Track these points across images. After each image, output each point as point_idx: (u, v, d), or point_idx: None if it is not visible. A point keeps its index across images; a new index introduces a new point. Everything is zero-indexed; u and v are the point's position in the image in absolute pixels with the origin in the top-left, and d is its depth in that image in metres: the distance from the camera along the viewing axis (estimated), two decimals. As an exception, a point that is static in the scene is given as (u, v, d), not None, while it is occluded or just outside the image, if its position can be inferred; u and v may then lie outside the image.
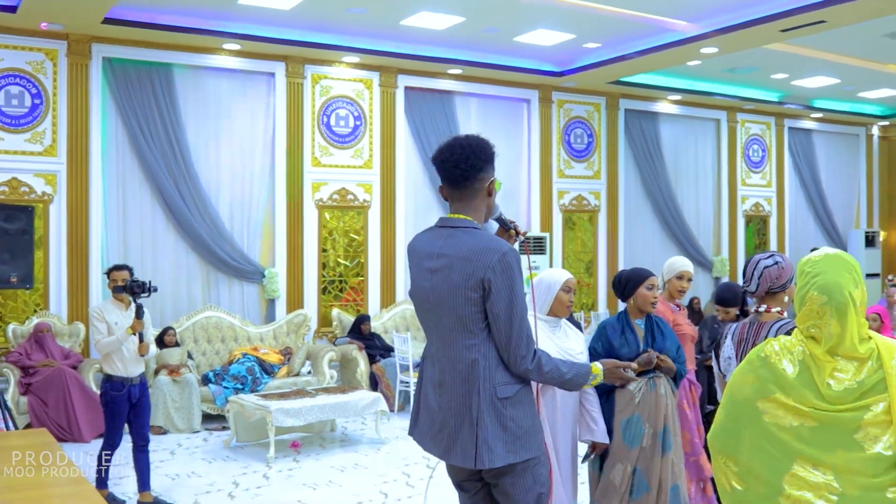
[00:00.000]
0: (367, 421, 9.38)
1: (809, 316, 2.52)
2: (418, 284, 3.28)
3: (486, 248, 3.06)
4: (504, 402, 3.09)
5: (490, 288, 3.03)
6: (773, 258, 3.67)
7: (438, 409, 3.20)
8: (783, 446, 2.40)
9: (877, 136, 17.63)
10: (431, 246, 3.22)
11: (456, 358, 3.13)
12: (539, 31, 10.96)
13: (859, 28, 10.72)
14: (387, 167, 11.69)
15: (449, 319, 3.14)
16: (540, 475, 3.18)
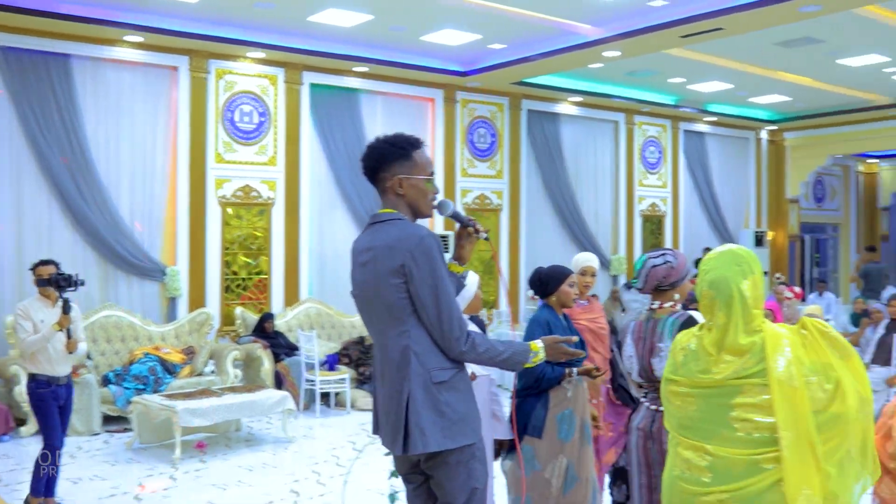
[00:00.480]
0: (272, 420, 9.30)
1: (704, 310, 2.79)
2: (354, 280, 3.33)
3: (408, 234, 3.11)
4: (439, 387, 3.11)
5: (412, 273, 3.07)
6: (663, 257, 3.78)
7: (381, 400, 3.23)
8: (678, 423, 2.85)
9: (765, 139, 18.33)
10: (363, 242, 3.27)
11: (389, 347, 3.17)
12: (446, 31, 11.05)
13: (753, 36, 11.14)
14: (291, 164, 11.60)
15: (379, 309, 3.18)
16: (474, 470, 3.20)
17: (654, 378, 3.69)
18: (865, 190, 20.97)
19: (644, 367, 3.73)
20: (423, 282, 3.07)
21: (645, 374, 3.74)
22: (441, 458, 3.15)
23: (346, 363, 10.57)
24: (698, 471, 2.74)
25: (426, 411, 3.09)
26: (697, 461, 2.75)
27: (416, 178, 3.22)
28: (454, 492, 3.18)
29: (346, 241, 12.20)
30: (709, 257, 2.89)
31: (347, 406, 10.01)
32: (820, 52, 12.29)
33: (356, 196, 12.12)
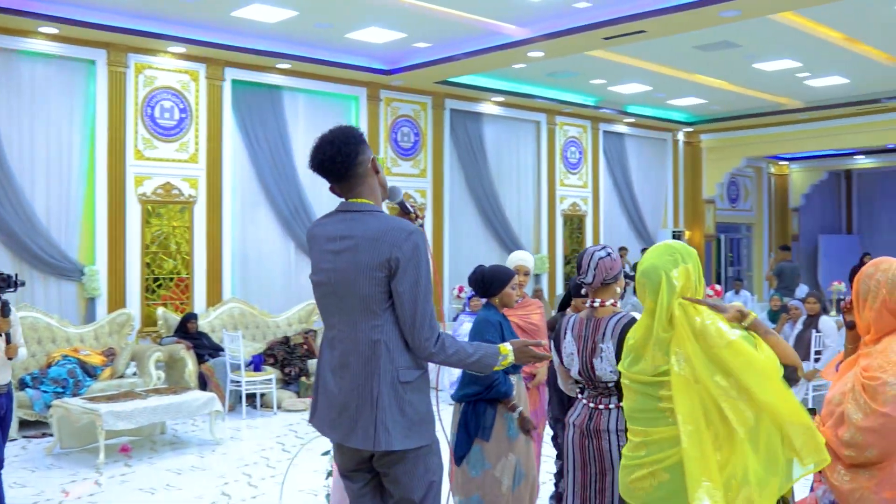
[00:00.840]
0: (197, 422, 9.11)
1: (639, 299, 3.05)
2: (319, 267, 3.25)
3: (394, 227, 3.09)
4: (404, 387, 3.09)
5: (397, 267, 3.04)
6: (605, 250, 3.78)
7: (339, 393, 3.15)
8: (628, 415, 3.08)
9: (682, 141, 18.73)
10: (333, 229, 3.20)
11: (359, 340, 3.11)
12: (371, 29, 10.98)
13: (673, 39, 11.35)
14: (213, 162, 11.37)
15: (352, 300, 3.12)
16: (432, 463, 3.19)
17: (593, 377, 3.66)
18: (777, 191, 21.60)
19: (585, 366, 3.68)
20: (405, 276, 3.05)
21: (585, 372, 3.70)
22: (398, 454, 3.12)
23: (272, 364, 10.41)
24: (637, 449, 3.01)
25: (392, 410, 3.06)
26: (638, 443, 3.01)
27: (377, 158, 3.30)
28: (412, 486, 3.15)
29: (269, 240, 12.05)
30: (647, 250, 3.12)
31: (274, 407, 9.86)
32: (736, 56, 12.60)
33: (279, 195, 11.96)
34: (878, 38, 11.93)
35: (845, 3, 9.97)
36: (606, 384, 3.64)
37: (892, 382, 2.82)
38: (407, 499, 3.17)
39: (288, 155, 12.08)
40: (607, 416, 3.63)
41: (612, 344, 3.57)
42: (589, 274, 3.69)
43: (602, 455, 3.60)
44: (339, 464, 3.33)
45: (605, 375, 3.61)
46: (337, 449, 3.29)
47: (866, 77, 14.12)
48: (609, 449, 3.58)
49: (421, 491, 3.16)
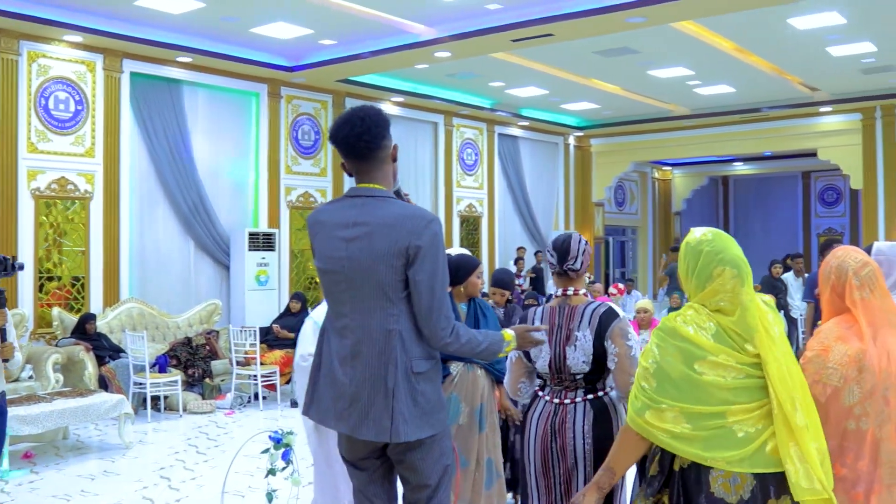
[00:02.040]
0: (100, 426, 8.75)
1: (719, 290, 2.78)
2: (329, 255, 3.13)
3: (412, 214, 3.03)
4: (417, 377, 3.04)
5: (416, 255, 2.98)
6: (582, 238, 3.71)
7: (350, 383, 3.06)
8: (722, 399, 2.75)
9: (573, 145, 19.12)
10: (344, 216, 3.10)
11: (372, 328, 3.03)
12: (278, 24, 10.79)
13: (575, 44, 11.58)
14: (110, 157, 10.93)
15: (367, 288, 3.03)
16: (446, 447, 3.17)
17: (563, 368, 3.54)
18: (661, 195, 22.32)
19: (556, 355, 3.55)
20: (424, 267, 2.99)
21: (555, 363, 3.56)
22: (414, 442, 3.07)
23: (175, 365, 10.08)
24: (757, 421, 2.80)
25: (406, 400, 3.01)
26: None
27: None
28: (428, 472, 3.12)
29: (168, 238, 11.69)
30: (707, 240, 2.88)
31: (180, 409, 9.56)
32: (633, 62, 12.95)
33: (179, 192, 11.61)
34: (767, 49, 12.47)
35: (742, 15, 10.40)
36: (574, 376, 3.53)
37: (814, 360, 2.99)
38: (423, 485, 3.13)
39: (188, 151, 11.74)
40: (574, 411, 3.50)
41: (589, 332, 3.48)
42: (578, 260, 3.62)
43: (566, 454, 3.47)
44: (347, 453, 3.24)
45: (577, 366, 3.50)
46: (346, 439, 3.20)
47: (751, 87, 14.75)
48: (575, 446, 3.45)
49: (437, 476, 3.14)
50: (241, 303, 12.07)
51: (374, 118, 3.09)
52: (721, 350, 2.79)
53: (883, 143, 15.50)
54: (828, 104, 15.70)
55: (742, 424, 2.72)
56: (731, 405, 2.73)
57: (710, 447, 2.71)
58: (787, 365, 2.80)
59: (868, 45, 12.02)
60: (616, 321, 3.51)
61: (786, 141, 17.20)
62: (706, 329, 2.82)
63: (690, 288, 2.91)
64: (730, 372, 2.77)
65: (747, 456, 2.70)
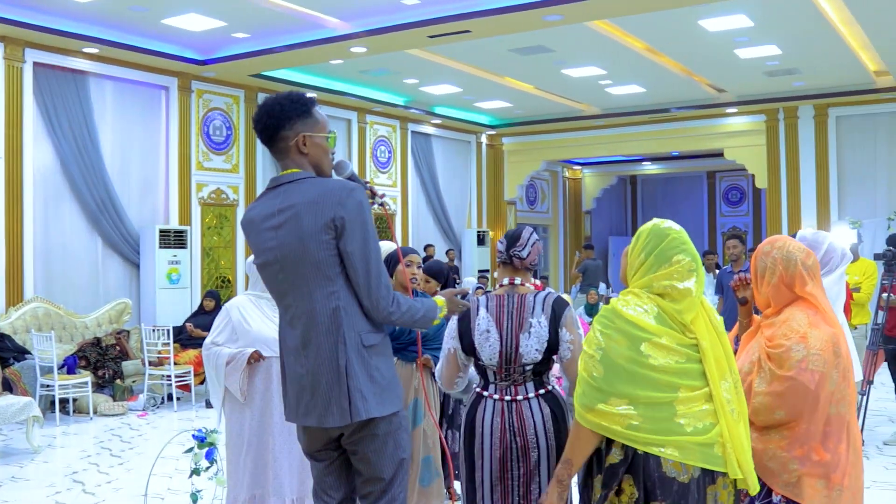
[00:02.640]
0: (4, 430, 8.37)
1: (672, 275, 2.80)
2: (262, 248, 3.05)
3: (334, 187, 2.94)
4: (370, 352, 2.96)
5: (343, 226, 2.89)
6: (536, 234, 3.66)
7: (307, 373, 2.97)
8: (668, 384, 2.75)
9: (485, 143, 19.20)
10: (269, 206, 3.04)
11: (316, 311, 2.94)
12: (190, 15, 10.52)
13: (490, 41, 11.61)
14: (13, 151, 10.48)
15: (304, 270, 2.95)
16: (401, 440, 3.06)
17: (514, 357, 3.40)
18: (571, 194, 22.59)
19: (507, 344, 3.41)
20: (354, 236, 2.90)
21: (506, 352, 3.41)
22: (369, 429, 2.98)
23: (84, 366, 9.73)
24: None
25: (362, 376, 2.93)
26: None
27: (318, 136, 3.06)
28: (381, 464, 3.03)
29: (74, 235, 11.30)
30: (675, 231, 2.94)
31: (90, 412, 9.22)
32: (548, 60, 13.05)
33: (85, 187, 11.21)
34: (678, 50, 12.72)
35: (655, 16, 10.58)
36: (524, 367, 3.40)
37: (795, 348, 3.02)
38: (376, 477, 3.04)
39: (95, 145, 11.35)
40: (530, 407, 3.38)
41: (544, 319, 3.40)
42: (525, 249, 3.53)
43: (528, 453, 3.34)
44: (304, 444, 3.15)
45: (529, 354, 3.38)
46: (302, 431, 3.11)
47: (661, 87, 15.03)
48: (538, 444, 3.34)
49: (391, 469, 3.05)
50: (151, 301, 11.73)
51: (273, 106, 3.04)
52: (664, 332, 2.80)
53: (785, 144, 15.99)
54: (733, 105, 16.12)
55: (690, 419, 2.72)
56: (677, 391, 2.74)
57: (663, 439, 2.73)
58: (723, 349, 2.85)
59: (773, 48, 12.37)
60: (568, 309, 3.47)
61: (693, 141, 17.60)
62: (648, 311, 2.83)
63: (640, 267, 2.92)
64: (673, 355, 2.78)
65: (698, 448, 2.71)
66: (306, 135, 3.04)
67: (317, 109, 3.09)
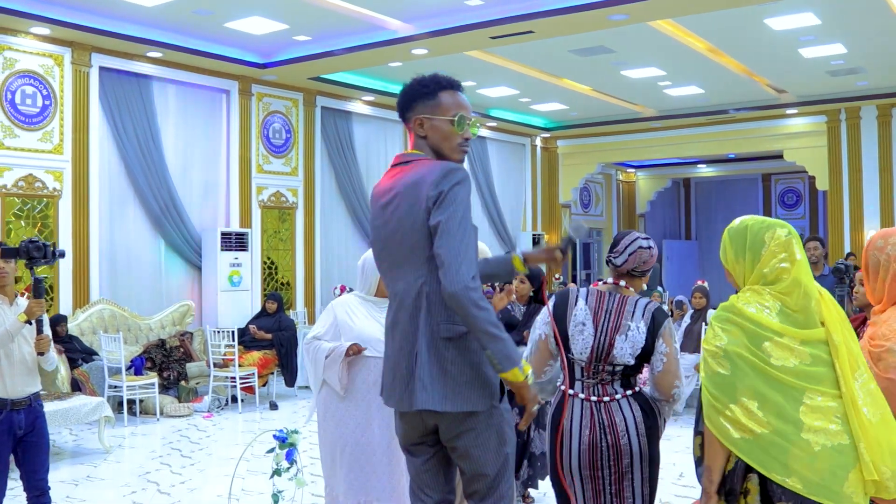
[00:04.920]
0: (75, 430, 8.46)
1: (776, 252, 2.83)
2: (374, 225, 3.09)
3: (434, 168, 2.88)
4: (446, 343, 2.84)
5: (435, 202, 2.79)
6: (649, 241, 3.58)
7: (392, 355, 2.96)
8: (792, 386, 2.66)
9: (540, 146, 19.10)
10: (384, 184, 3.06)
11: (406, 293, 2.91)
12: (254, 18, 10.56)
13: (551, 42, 11.50)
14: (80, 154, 10.60)
15: (401, 251, 2.93)
16: (505, 434, 2.93)
17: (605, 357, 3.36)
18: (625, 197, 22.39)
19: (601, 342, 3.37)
20: (443, 209, 2.78)
21: (598, 350, 3.37)
22: (468, 423, 2.87)
23: (149, 368, 9.81)
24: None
25: (428, 366, 2.84)
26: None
27: (438, 119, 2.99)
28: (485, 460, 2.90)
29: (138, 237, 11.40)
30: (745, 219, 2.94)
31: (156, 413, 9.28)
32: (607, 61, 12.94)
33: (149, 190, 11.30)
34: (741, 50, 12.53)
35: (720, 15, 10.41)
36: (614, 367, 3.37)
37: (894, 349, 2.90)
38: (480, 474, 2.91)
39: (158, 149, 11.45)
40: (620, 408, 3.35)
41: (643, 325, 3.35)
42: (621, 257, 3.49)
43: (621, 453, 3.31)
44: (401, 436, 3.07)
45: (622, 357, 3.34)
46: (398, 421, 3.05)
47: (720, 88, 14.83)
48: (630, 444, 3.30)
49: (495, 465, 2.91)
50: (213, 304, 11.79)
51: (405, 89, 3.08)
52: (787, 330, 2.71)
53: (847, 145, 15.69)
54: (794, 106, 15.85)
55: (819, 436, 2.62)
56: (802, 396, 2.64)
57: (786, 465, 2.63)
58: (852, 347, 2.75)
59: (839, 46, 12.14)
60: (668, 320, 3.43)
61: (751, 143, 17.35)
62: (770, 308, 2.75)
63: (745, 268, 2.86)
64: (795, 356, 2.68)
65: (824, 484, 2.60)
66: (423, 117, 3.00)
67: (448, 93, 3.02)
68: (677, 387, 3.38)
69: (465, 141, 3.03)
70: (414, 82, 3.07)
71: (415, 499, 3.13)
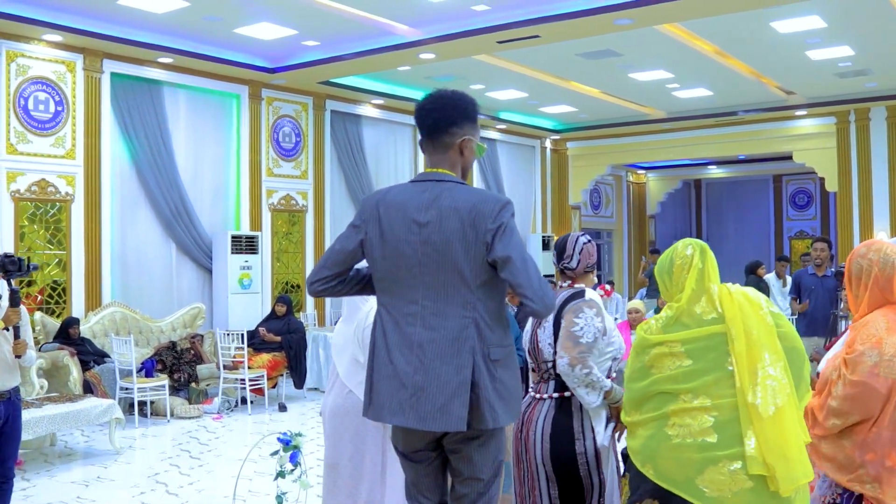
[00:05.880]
0: (87, 432, 8.59)
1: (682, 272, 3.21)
2: (401, 238, 2.99)
3: (487, 198, 2.95)
4: (496, 364, 2.95)
5: (494, 236, 2.87)
6: (586, 236, 3.73)
7: (414, 372, 2.94)
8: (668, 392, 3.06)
9: (549, 148, 19.16)
10: (418, 199, 3.00)
11: (449, 315, 2.93)
12: (262, 24, 10.68)
13: (558, 46, 11.57)
14: (91, 159, 10.75)
15: (444, 274, 2.93)
16: (501, 443, 3.10)
17: (537, 354, 3.58)
18: (635, 199, 22.41)
19: (533, 342, 3.60)
20: (511, 243, 2.88)
21: (533, 349, 3.60)
22: (475, 433, 2.98)
23: (160, 370, 9.93)
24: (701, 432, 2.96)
25: (490, 388, 2.93)
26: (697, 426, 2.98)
27: (475, 143, 3.11)
28: (483, 464, 3.04)
29: (150, 241, 11.54)
30: (673, 247, 3.34)
31: (167, 414, 9.40)
32: (615, 65, 12.99)
33: (160, 194, 11.44)
34: (748, 53, 12.56)
35: (726, 18, 10.46)
36: (547, 363, 3.53)
37: (868, 353, 3.00)
38: (476, 478, 3.05)
39: (169, 153, 11.58)
40: (540, 407, 3.54)
41: (553, 313, 3.48)
42: (574, 259, 3.62)
43: (529, 450, 3.51)
44: (402, 445, 3.14)
45: (546, 350, 3.52)
46: (401, 431, 3.09)
47: (729, 90, 14.85)
48: (535, 442, 3.48)
49: (490, 470, 3.06)
50: (223, 306, 11.92)
51: (452, 100, 3.07)
52: (664, 338, 3.05)
53: (857, 147, 15.67)
54: (803, 108, 15.86)
55: (678, 430, 2.94)
56: (673, 401, 2.98)
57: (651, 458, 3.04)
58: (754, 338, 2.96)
59: (846, 48, 12.16)
60: (575, 301, 3.49)
61: (761, 144, 17.35)
62: (657, 320, 3.12)
63: (669, 291, 3.24)
64: (675, 359, 3.02)
65: (673, 475, 2.94)
66: (469, 138, 3.07)
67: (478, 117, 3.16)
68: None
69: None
70: (463, 98, 3.08)
71: (413, 502, 3.22)
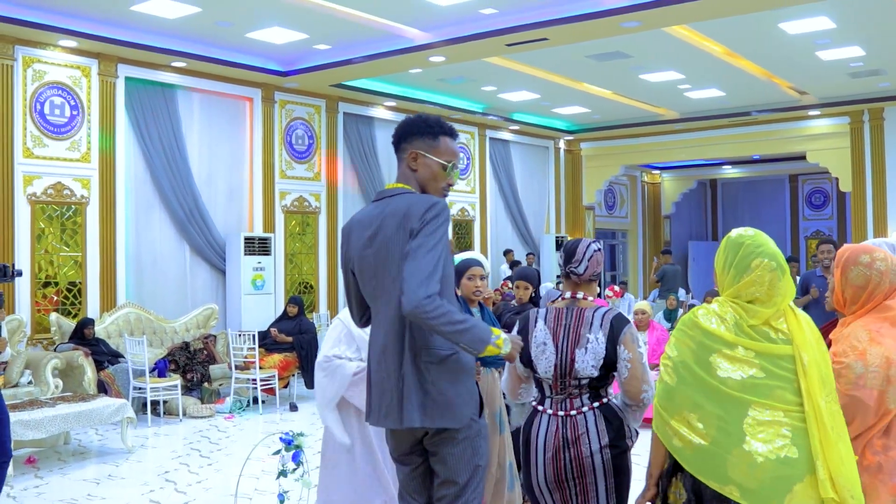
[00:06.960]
0: (100, 431, 8.75)
1: (756, 281, 2.87)
2: (357, 255, 3.25)
3: (420, 200, 3.11)
4: (428, 366, 3.09)
5: (417, 234, 3.03)
6: (597, 244, 3.66)
7: (386, 377, 3.15)
8: (737, 400, 2.77)
9: (563, 149, 19.22)
10: (369, 217, 3.24)
11: (394, 318, 3.12)
12: (273, 29, 10.82)
13: (568, 48, 11.64)
14: (106, 162, 10.93)
15: (387, 280, 3.13)
16: (480, 448, 3.19)
17: (569, 372, 3.40)
18: (650, 199, 22.43)
19: (562, 358, 3.42)
20: (418, 239, 3.02)
21: (561, 366, 3.42)
22: (448, 432, 3.13)
23: (173, 370, 10.08)
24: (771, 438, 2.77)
25: (414, 386, 3.08)
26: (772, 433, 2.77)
27: (432, 159, 3.23)
28: (457, 468, 3.16)
29: (164, 243, 11.70)
30: (748, 235, 2.96)
31: (179, 414, 9.55)
32: (625, 66, 13.05)
33: (174, 197, 11.61)
34: (758, 54, 12.59)
35: (733, 20, 10.50)
36: (580, 381, 3.40)
37: (853, 366, 3.00)
38: (451, 480, 3.17)
39: (183, 156, 11.75)
40: (585, 420, 3.38)
41: (602, 336, 3.39)
42: (582, 265, 3.55)
43: (584, 467, 3.34)
44: (392, 450, 3.32)
45: (585, 370, 3.38)
46: (389, 435, 3.29)
47: (741, 90, 14.87)
48: (591, 454, 3.33)
49: (466, 474, 3.17)
50: (237, 307, 12.08)
51: (408, 121, 3.28)
52: (739, 341, 2.81)
53: (871, 147, 15.65)
54: (816, 107, 15.85)
55: (762, 447, 2.71)
56: (747, 410, 2.74)
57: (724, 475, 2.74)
58: (822, 367, 2.83)
59: (856, 49, 12.16)
60: (627, 326, 3.44)
61: (775, 144, 17.34)
62: (726, 320, 2.86)
63: (726, 280, 2.95)
64: (746, 367, 2.79)
65: (762, 492, 2.69)
66: (419, 152, 3.22)
67: (447, 139, 3.26)
68: (646, 391, 3.41)
69: (448, 186, 3.29)
70: (418, 119, 3.27)
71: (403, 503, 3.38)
